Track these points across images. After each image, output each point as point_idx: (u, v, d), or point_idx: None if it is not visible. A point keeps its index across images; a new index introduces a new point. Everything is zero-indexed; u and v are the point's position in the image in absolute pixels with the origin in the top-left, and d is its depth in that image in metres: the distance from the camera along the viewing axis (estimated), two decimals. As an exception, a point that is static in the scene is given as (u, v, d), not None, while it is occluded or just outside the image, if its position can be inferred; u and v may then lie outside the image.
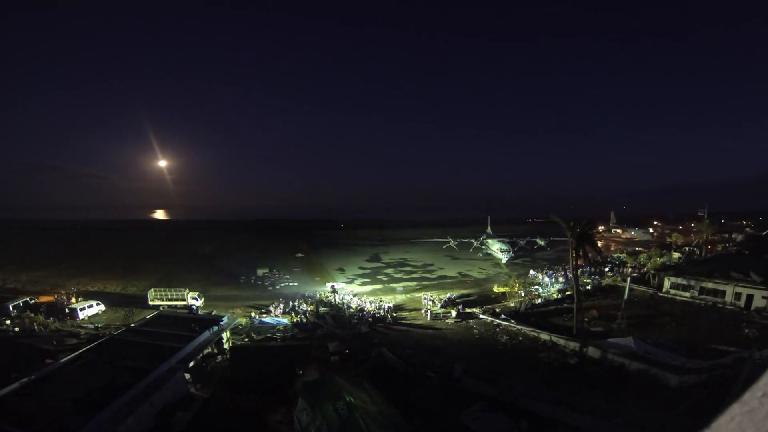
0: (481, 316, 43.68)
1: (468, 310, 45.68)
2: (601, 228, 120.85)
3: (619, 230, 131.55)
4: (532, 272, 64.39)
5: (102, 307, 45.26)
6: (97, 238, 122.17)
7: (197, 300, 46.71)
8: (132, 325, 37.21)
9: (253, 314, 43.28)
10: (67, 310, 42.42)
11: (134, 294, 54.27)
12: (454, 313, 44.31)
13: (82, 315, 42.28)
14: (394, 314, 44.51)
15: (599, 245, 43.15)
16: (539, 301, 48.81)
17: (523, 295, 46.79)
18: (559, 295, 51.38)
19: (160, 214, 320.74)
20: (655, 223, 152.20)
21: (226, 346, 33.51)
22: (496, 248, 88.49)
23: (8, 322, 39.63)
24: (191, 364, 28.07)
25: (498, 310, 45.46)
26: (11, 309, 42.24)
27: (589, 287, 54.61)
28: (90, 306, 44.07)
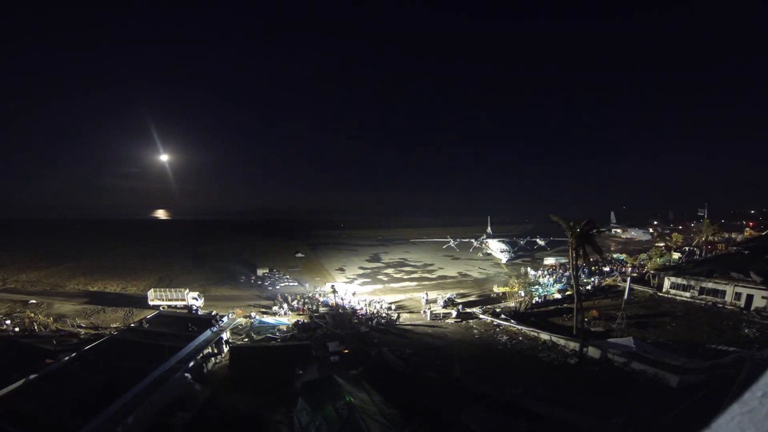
0: (481, 316, 43.66)
1: (468, 310, 45.67)
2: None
3: (619, 230, 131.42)
4: (532, 272, 64.42)
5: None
6: (97, 238, 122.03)
7: (197, 300, 46.64)
8: (132, 325, 37.24)
9: (253, 314, 43.27)
10: None
11: (134, 294, 54.22)
12: (454, 313, 44.28)
13: None
14: (395, 314, 44.45)
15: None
16: (536, 300, 48.83)
17: (523, 295, 46.78)
18: (560, 295, 51.42)
19: (160, 214, 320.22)
20: (655, 223, 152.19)
21: (225, 346, 33.49)
22: (496, 248, 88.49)
23: (8, 322, 39.67)
24: (191, 364, 28.06)
25: (498, 310, 45.46)
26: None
27: (589, 287, 54.63)
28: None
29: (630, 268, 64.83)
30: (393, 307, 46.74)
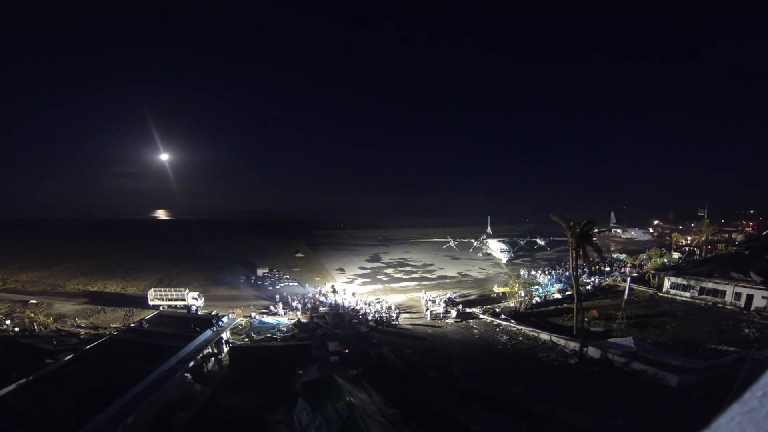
0: (481, 316, 43.67)
1: (468, 310, 45.66)
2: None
3: (619, 230, 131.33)
4: (532, 272, 64.51)
5: None
6: (97, 238, 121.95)
7: (197, 300, 46.59)
8: (132, 325, 37.21)
9: (253, 314, 43.25)
10: None
11: (134, 294, 54.18)
12: (454, 313, 44.28)
13: None
14: (395, 314, 44.38)
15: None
16: (536, 300, 48.84)
17: (523, 295, 46.79)
18: (560, 295, 51.40)
19: (160, 214, 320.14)
20: (655, 223, 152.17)
21: (225, 346, 33.48)
22: (496, 248, 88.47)
23: (8, 322, 39.66)
24: (191, 364, 28.05)
25: (498, 310, 45.46)
26: None
27: (589, 287, 54.62)
28: None
29: (630, 268, 64.82)
30: (393, 307, 46.67)
